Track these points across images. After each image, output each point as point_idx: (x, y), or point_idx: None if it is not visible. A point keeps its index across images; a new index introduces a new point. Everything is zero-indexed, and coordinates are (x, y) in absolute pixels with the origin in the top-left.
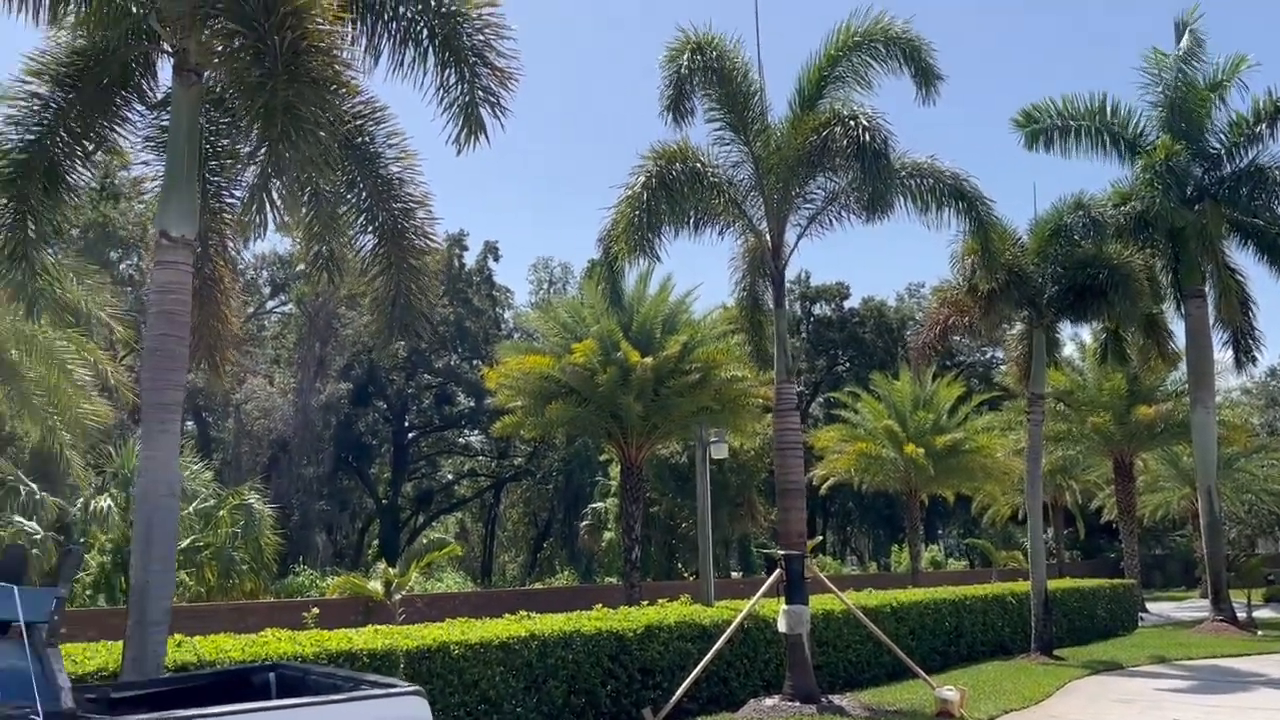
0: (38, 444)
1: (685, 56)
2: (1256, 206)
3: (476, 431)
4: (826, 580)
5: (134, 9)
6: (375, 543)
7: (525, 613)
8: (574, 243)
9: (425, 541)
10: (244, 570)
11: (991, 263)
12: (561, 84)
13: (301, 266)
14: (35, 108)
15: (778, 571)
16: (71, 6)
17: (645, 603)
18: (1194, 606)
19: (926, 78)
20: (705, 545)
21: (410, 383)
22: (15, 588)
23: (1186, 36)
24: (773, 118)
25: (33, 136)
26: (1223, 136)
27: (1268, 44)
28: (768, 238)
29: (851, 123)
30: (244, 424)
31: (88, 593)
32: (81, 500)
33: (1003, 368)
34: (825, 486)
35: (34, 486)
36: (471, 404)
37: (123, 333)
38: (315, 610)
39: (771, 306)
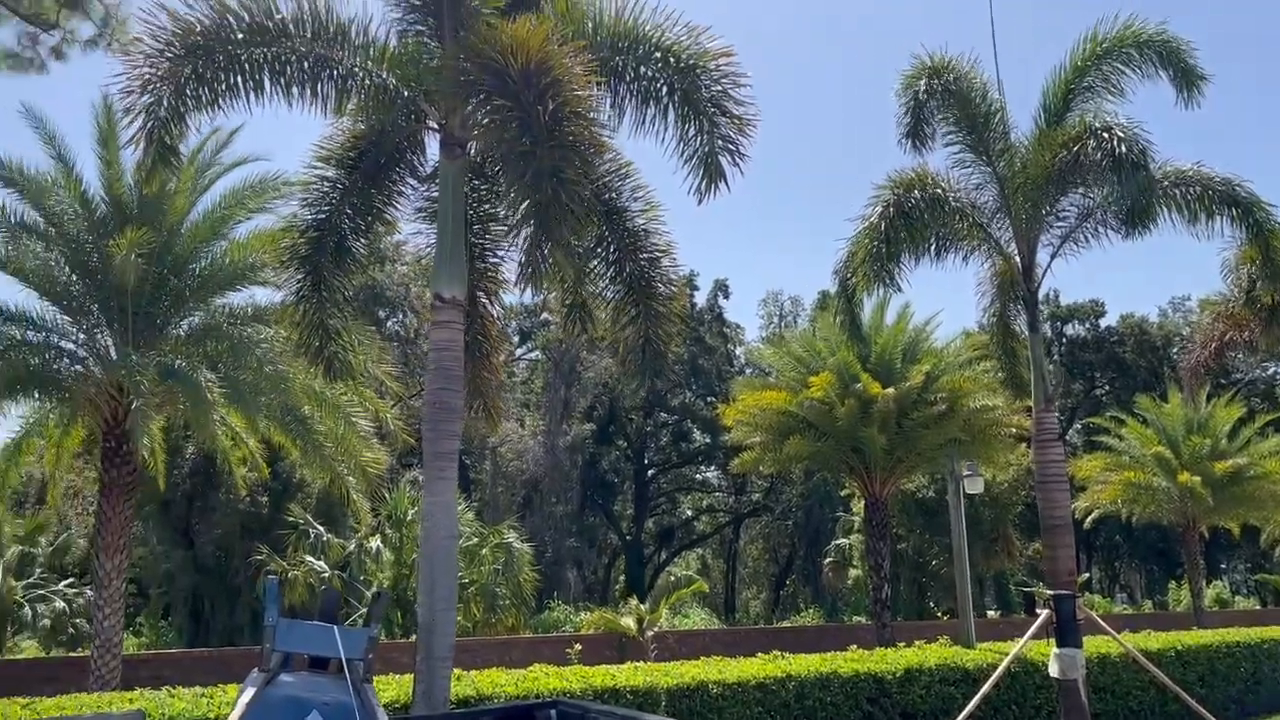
0: (323, 490)
1: (922, 82)
2: None
3: (713, 467)
4: (1101, 621)
5: (405, 92)
6: (622, 578)
7: (778, 652)
8: (803, 275)
9: (671, 578)
10: (506, 606)
11: (1275, 272)
12: (781, 118)
13: (546, 315)
14: (324, 189)
15: (1046, 612)
16: (352, 97)
17: (902, 645)
18: None
19: (1188, 79)
20: (962, 584)
21: (648, 421)
22: (335, 627)
23: None
24: (1016, 136)
25: (323, 215)
26: None
27: None
28: (1017, 260)
29: (1105, 134)
30: (499, 466)
31: None
32: (356, 541)
33: None
34: (1089, 519)
35: (321, 529)
36: (707, 440)
37: (394, 387)
38: (578, 646)
39: (1024, 331)
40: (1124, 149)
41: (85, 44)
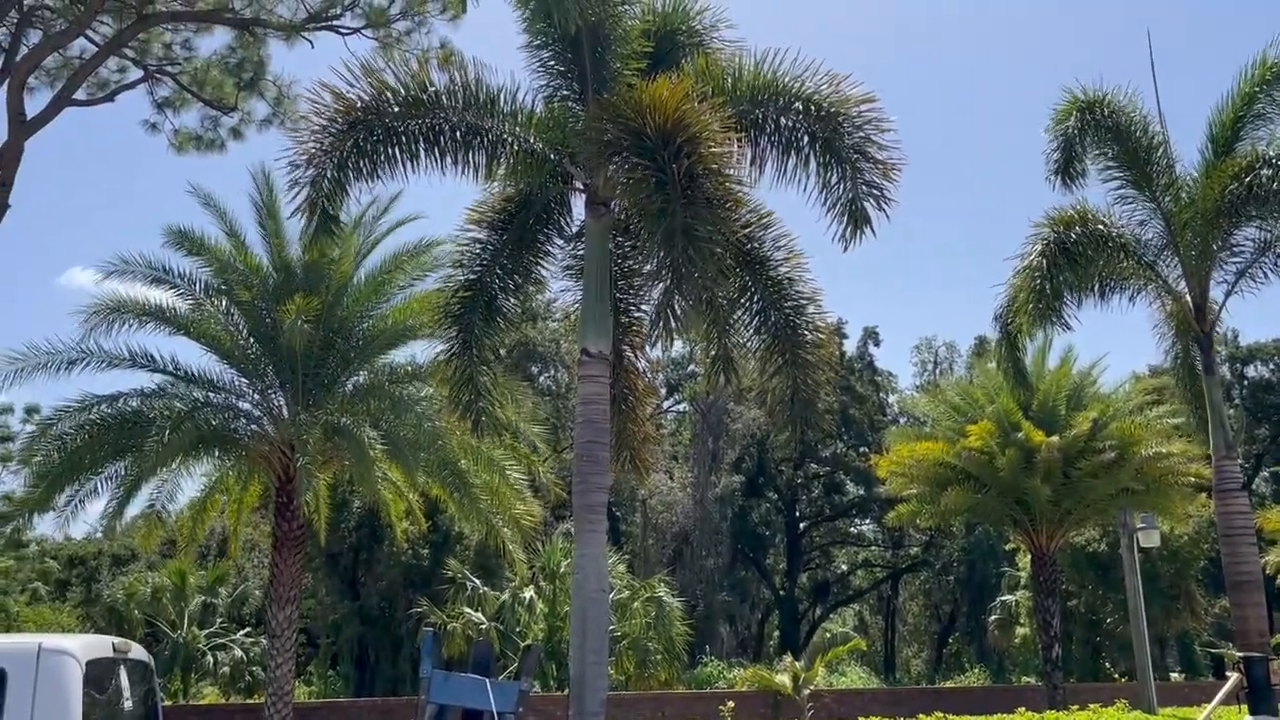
0: (480, 543)
1: (1074, 117)
2: None
3: (868, 520)
4: None
5: (552, 155)
6: (776, 634)
7: (941, 714)
8: (957, 321)
9: (829, 635)
10: (658, 660)
11: None
12: (926, 163)
13: (694, 367)
14: (476, 250)
15: (1236, 676)
16: (502, 162)
17: (1075, 708)
18: None
19: None
20: (1140, 643)
21: (799, 473)
22: (487, 680)
23: None
24: (1180, 169)
25: (474, 275)
26: None
27: None
28: (1187, 298)
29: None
30: (650, 518)
31: None
32: (510, 592)
33: None
34: None
35: (477, 581)
36: (861, 492)
37: (540, 443)
38: (731, 704)
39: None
40: None
41: (260, 123)
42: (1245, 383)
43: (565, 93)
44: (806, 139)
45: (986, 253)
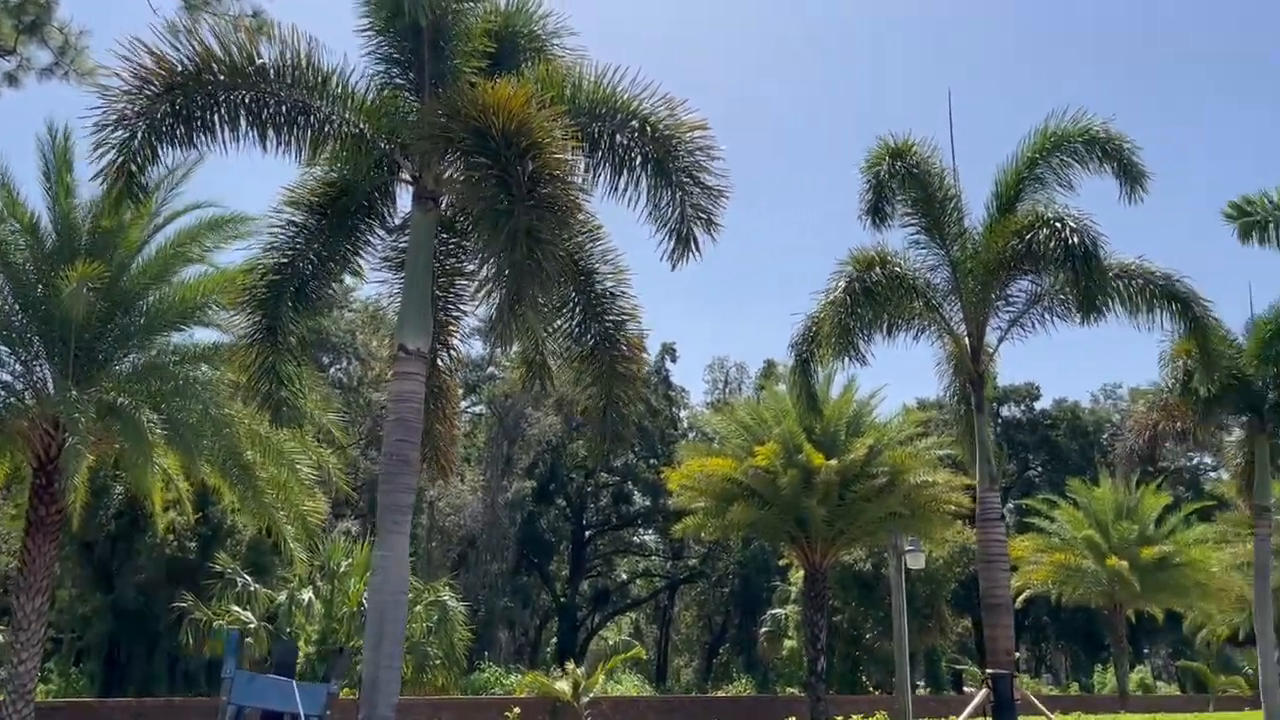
0: (254, 538)
1: (885, 163)
2: None
3: (652, 531)
4: (1037, 702)
5: (382, 144)
6: (553, 640)
7: None
8: (748, 343)
9: (605, 642)
10: (437, 665)
11: (1210, 366)
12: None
13: (493, 369)
14: (290, 233)
15: (984, 691)
16: (328, 144)
17: (839, 718)
18: None
19: (1130, 176)
20: (902, 658)
21: (590, 481)
22: (294, 682)
23: None
24: (969, 221)
25: (285, 259)
26: None
27: None
28: (966, 341)
29: (1058, 224)
30: (436, 520)
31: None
32: (287, 592)
33: (1214, 475)
34: (1020, 599)
35: (249, 579)
36: (648, 503)
37: (341, 436)
38: (517, 710)
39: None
40: (1076, 239)
41: (41, 72)
42: (999, 421)
43: (401, 82)
44: (640, 158)
45: (776, 281)
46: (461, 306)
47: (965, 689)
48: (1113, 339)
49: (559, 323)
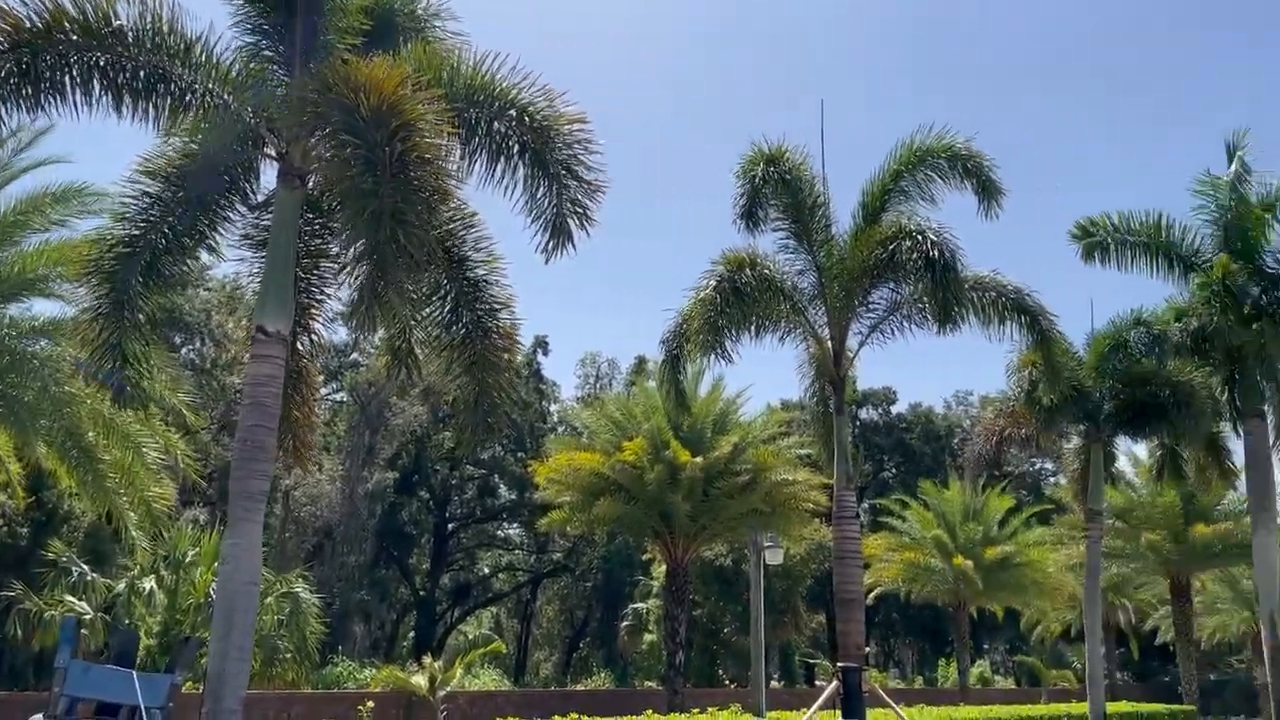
0: (93, 525)
1: (760, 167)
2: None
3: (517, 525)
4: (884, 694)
5: (248, 118)
6: (411, 635)
7: (575, 716)
8: (620, 339)
9: (464, 637)
10: (287, 659)
11: (1054, 376)
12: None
13: (356, 356)
14: (144, 204)
15: (834, 684)
16: (188, 114)
17: (696, 711)
18: None
19: (988, 192)
20: (758, 652)
21: (454, 474)
22: (134, 673)
23: (1236, 162)
24: (837, 229)
25: (137, 231)
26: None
27: None
28: (829, 345)
29: (920, 237)
30: (291, 510)
31: None
32: (126, 581)
33: (1053, 480)
34: (871, 596)
35: (85, 567)
36: (514, 497)
37: (193, 419)
38: (370, 704)
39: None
40: (936, 252)
41: None
42: (857, 423)
43: (271, 55)
44: (517, 147)
45: (648, 278)
46: (325, 289)
47: (817, 682)
48: (967, 347)
49: (428, 310)
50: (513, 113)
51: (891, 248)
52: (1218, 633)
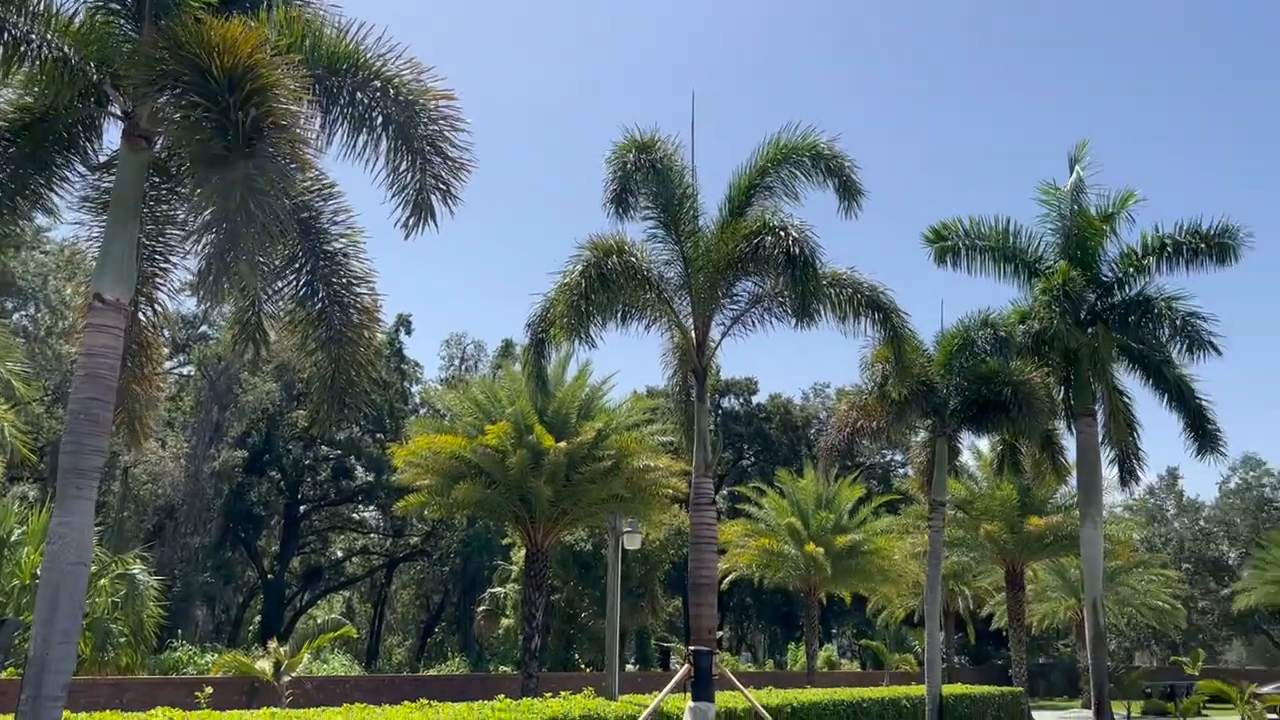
0: None
1: (631, 155)
2: (1144, 334)
3: (373, 507)
4: (733, 678)
5: (91, 73)
6: (257, 619)
7: (425, 700)
8: (488, 321)
9: (314, 621)
10: (121, 643)
11: (904, 372)
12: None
13: (206, 329)
14: None
15: (686, 667)
16: (24, 65)
17: (549, 695)
18: (1077, 716)
19: (849, 192)
20: (613, 637)
21: (308, 454)
22: None
23: (1075, 173)
24: (703, 221)
25: None
26: (1114, 265)
27: (1159, 173)
28: (693, 334)
29: (782, 233)
30: (130, 488)
31: None
32: None
33: (902, 471)
34: (726, 581)
35: None
36: (370, 479)
37: (23, 390)
38: (208, 690)
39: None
40: (797, 249)
41: None
42: (719, 412)
43: (119, 7)
44: (381, 120)
45: (520, 261)
46: (171, 258)
47: (673, 666)
48: (829, 341)
49: (282, 283)
50: (377, 84)
51: (756, 242)
52: (1047, 619)
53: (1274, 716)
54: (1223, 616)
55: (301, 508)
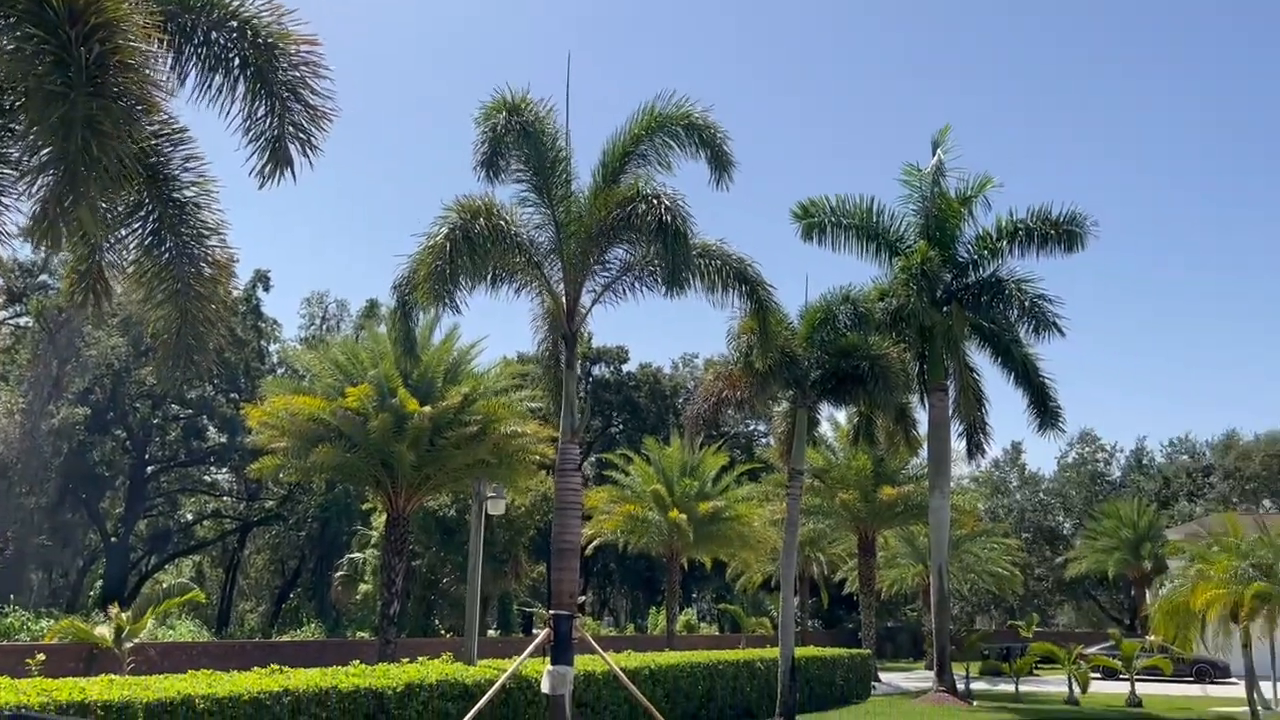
0: None
1: (502, 116)
2: (994, 314)
3: (226, 470)
4: (593, 641)
5: None
6: (99, 584)
7: (276, 666)
8: (352, 280)
9: (161, 586)
10: None
11: (768, 344)
12: (349, 119)
13: (45, 277)
14: None
15: (546, 631)
16: None
17: (406, 661)
18: (920, 677)
19: (721, 163)
20: (473, 602)
21: (156, 412)
22: None
23: (937, 156)
24: (576, 186)
25: None
26: (970, 247)
27: (1020, 158)
28: (563, 300)
29: (655, 201)
30: None
31: None
32: None
33: (764, 441)
34: (591, 547)
35: None
36: (224, 440)
37: None
38: (41, 656)
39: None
40: (669, 217)
41: None
42: (590, 379)
43: None
44: (238, 62)
45: (390, 222)
46: (4, 199)
47: (535, 631)
48: (699, 312)
49: (126, 232)
50: (234, 24)
51: (629, 209)
52: (895, 584)
53: (1097, 675)
54: (1056, 583)
55: (149, 469)
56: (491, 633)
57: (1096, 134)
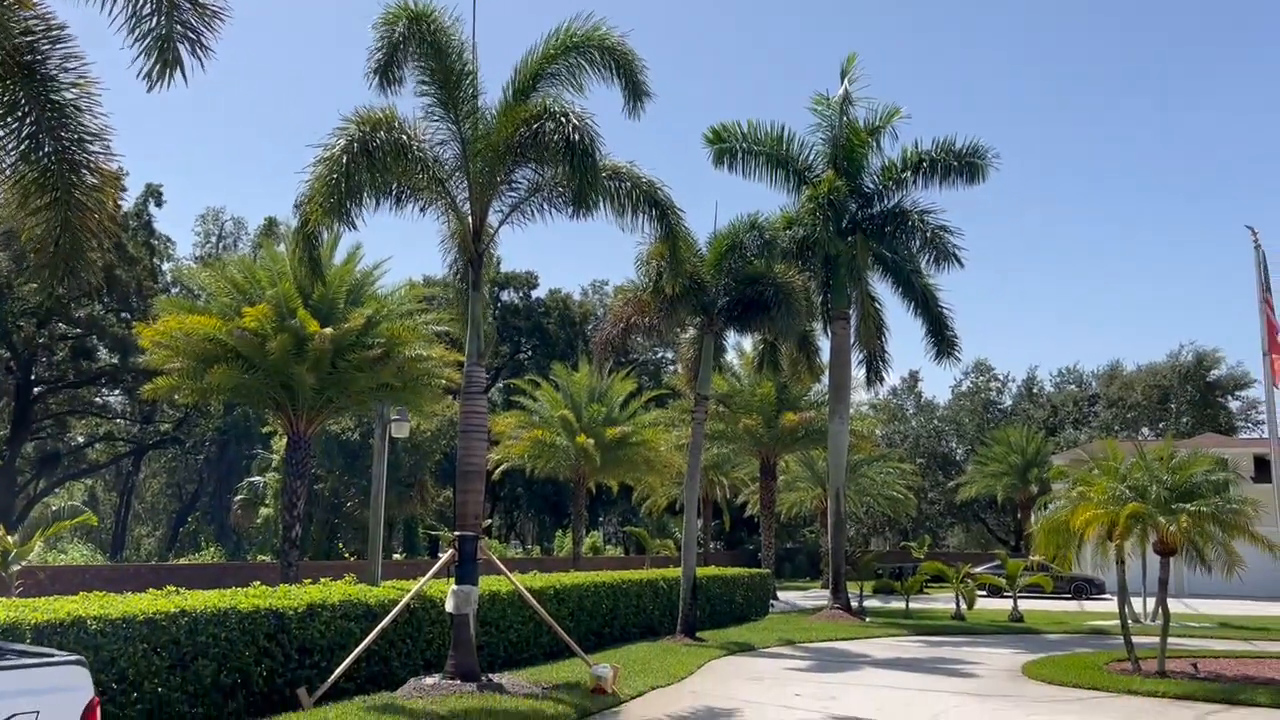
0: None
1: (401, 24)
2: (897, 244)
3: (118, 391)
4: (498, 562)
5: None
6: None
7: (172, 588)
8: (250, 199)
9: (54, 509)
10: None
11: (677, 269)
12: (249, 25)
13: None
14: None
15: (450, 552)
16: None
17: (308, 581)
18: (817, 595)
19: (636, 92)
20: (377, 524)
21: (42, 331)
22: None
23: (844, 85)
24: (484, 102)
25: None
26: (876, 178)
27: (931, 90)
28: (469, 220)
29: (563, 119)
30: None
31: None
32: None
33: (672, 368)
34: (499, 471)
35: None
36: (115, 361)
37: None
38: None
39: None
40: (577, 136)
41: None
42: (499, 305)
43: None
44: None
45: (295, 138)
46: None
47: (440, 554)
48: (611, 238)
49: (3, 133)
50: None
51: (536, 127)
52: (795, 507)
53: (984, 593)
54: (948, 506)
55: (35, 389)
56: (397, 556)
57: (1002, 58)
